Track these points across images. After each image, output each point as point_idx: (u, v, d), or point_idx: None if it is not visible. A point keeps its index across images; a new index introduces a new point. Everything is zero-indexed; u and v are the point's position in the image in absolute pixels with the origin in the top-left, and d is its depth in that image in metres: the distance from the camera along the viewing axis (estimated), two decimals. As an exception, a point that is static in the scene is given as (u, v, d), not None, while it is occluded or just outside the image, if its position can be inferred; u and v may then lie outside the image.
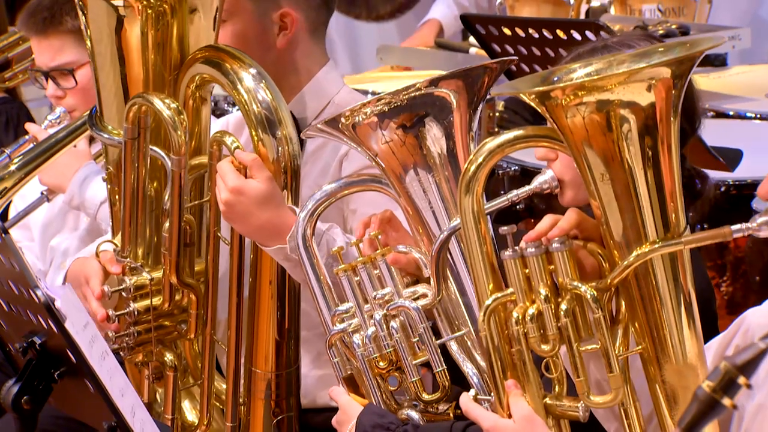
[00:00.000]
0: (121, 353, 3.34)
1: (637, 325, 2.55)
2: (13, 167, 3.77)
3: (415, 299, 2.86)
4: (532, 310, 2.56)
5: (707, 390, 2.07)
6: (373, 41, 6.27)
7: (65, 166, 3.80)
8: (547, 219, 2.58)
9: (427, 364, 2.87)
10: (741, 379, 2.06)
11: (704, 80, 4.83)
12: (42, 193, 3.84)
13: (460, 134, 2.82)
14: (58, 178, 3.81)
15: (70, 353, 2.57)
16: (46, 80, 3.90)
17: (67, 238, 3.99)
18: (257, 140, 3.14)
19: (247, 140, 3.22)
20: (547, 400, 2.61)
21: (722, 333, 2.69)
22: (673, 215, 2.50)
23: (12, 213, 3.92)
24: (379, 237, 2.90)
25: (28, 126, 3.88)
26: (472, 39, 4.82)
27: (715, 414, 2.07)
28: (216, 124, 3.61)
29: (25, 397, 2.65)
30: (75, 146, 3.82)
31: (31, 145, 3.80)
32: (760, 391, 2.44)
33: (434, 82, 2.78)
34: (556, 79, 2.55)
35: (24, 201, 3.91)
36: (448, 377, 2.84)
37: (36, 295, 2.57)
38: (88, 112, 3.67)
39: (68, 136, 3.80)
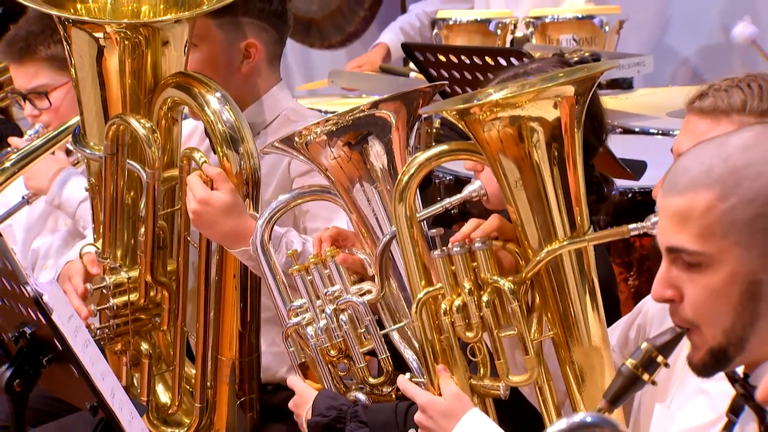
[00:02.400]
0: (102, 343, 3.34)
1: (549, 313, 2.57)
2: (8, 163, 3.79)
3: (362, 295, 2.87)
4: (458, 302, 2.58)
5: (630, 367, 2.08)
6: (326, 66, 6.27)
7: (47, 171, 3.81)
8: (471, 222, 2.61)
9: (372, 352, 2.88)
10: (659, 358, 2.07)
11: (613, 101, 4.85)
12: (23, 197, 3.85)
13: (399, 150, 2.83)
14: (40, 181, 3.81)
15: (56, 342, 2.59)
16: (24, 101, 3.89)
17: (49, 239, 3.99)
18: (222, 155, 3.15)
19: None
20: (473, 381, 2.63)
21: (626, 315, 2.72)
22: (579, 217, 2.53)
23: None
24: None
25: (11, 140, 3.90)
26: (412, 64, 4.82)
27: (637, 387, 2.10)
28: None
29: (16, 381, 2.66)
30: (54, 154, 3.83)
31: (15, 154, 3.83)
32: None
33: (375, 105, 2.80)
34: (476, 100, 2.56)
35: (4, 207, 3.90)
36: (391, 363, 2.85)
37: (26, 290, 2.58)
38: (63, 125, 3.76)
39: (46, 143, 3.81)
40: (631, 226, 2.43)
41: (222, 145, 3.14)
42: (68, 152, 3.84)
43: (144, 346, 3.37)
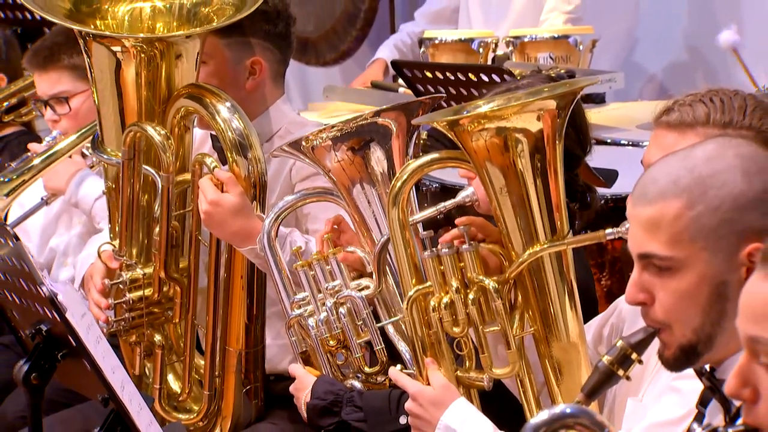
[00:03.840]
0: (118, 335, 3.32)
1: (530, 311, 2.53)
2: (36, 161, 3.79)
3: (360, 290, 2.84)
4: (446, 300, 2.54)
5: (607, 363, 2.07)
6: (321, 82, 6.27)
7: (64, 172, 3.79)
8: (462, 219, 2.58)
9: (368, 343, 2.85)
10: (634, 356, 2.06)
11: (587, 114, 4.82)
12: (42, 198, 3.83)
13: (398, 156, 2.79)
14: (58, 182, 3.79)
15: (70, 338, 2.54)
16: (45, 107, 3.87)
17: (65, 237, 3.96)
18: (232, 161, 3.11)
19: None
20: (459, 373, 2.60)
21: (600, 314, 2.68)
22: (559, 221, 2.49)
23: (11, 219, 3.90)
24: (332, 238, 2.89)
25: (30, 145, 3.87)
26: (401, 80, 4.81)
27: (612, 382, 2.07)
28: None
29: (33, 374, 2.63)
30: (71, 157, 3.81)
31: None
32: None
33: (378, 113, 2.77)
34: (466, 112, 2.53)
35: (22, 208, 3.89)
36: (386, 354, 2.82)
37: (42, 290, 2.54)
38: (81, 129, 3.74)
39: (67, 145, 3.82)
40: (608, 231, 2.39)
41: (232, 151, 3.10)
42: (84, 156, 3.83)
43: (157, 337, 3.32)
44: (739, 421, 1.74)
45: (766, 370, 1.68)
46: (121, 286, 3.28)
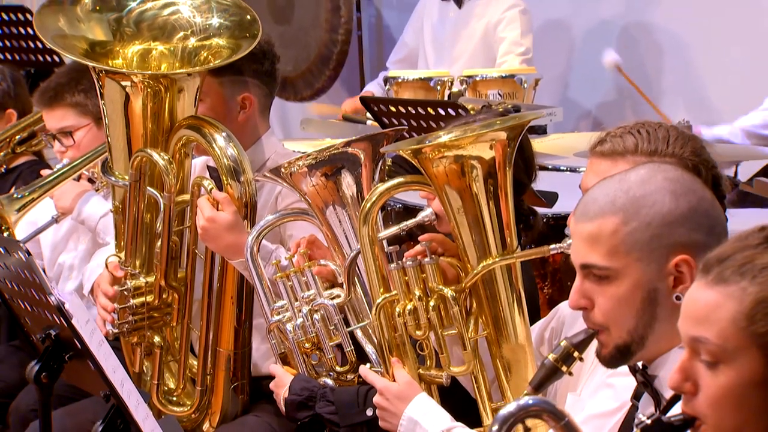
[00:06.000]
0: (121, 335, 3.27)
1: (483, 316, 2.50)
2: (49, 178, 3.74)
3: (332, 298, 2.80)
4: (409, 306, 2.52)
5: (552, 360, 2.06)
6: (298, 116, 6.26)
7: (72, 193, 3.74)
8: (425, 236, 2.57)
9: (339, 346, 2.81)
10: (576, 354, 2.06)
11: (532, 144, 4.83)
12: (52, 217, 3.78)
13: (366, 181, 2.76)
14: (67, 201, 3.73)
15: (76, 341, 2.50)
16: (54, 140, 3.84)
17: (73, 255, 3.91)
18: (226, 183, 3.08)
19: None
20: (421, 371, 2.57)
21: (543, 318, 2.66)
22: (509, 238, 2.47)
23: (24, 236, 3.85)
24: (308, 253, 2.86)
25: (42, 171, 3.82)
26: (368, 114, 4.80)
27: (557, 377, 2.06)
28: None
29: (43, 373, 2.60)
30: (77, 179, 3.77)
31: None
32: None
33: (348, 144, 2.75)
34: (428, 141, 2.51)
35: (33, 225, 3.84)
36: (355, 355, 2.78)
37: (51, 300, 2.51)
38: (85, 156, 3.71)
39: (74, 167, 3.77)
40: (552, 246, 2.37)
41: (227, 175, 3.07)
42: (91, 181, 3.80)
43: (156, 339, 3.27)
44: (678, 410, 1.73)
45: (705, 366, 1.67)
46: (125, 292, 3.24)
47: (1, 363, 3.94)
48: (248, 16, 3.27)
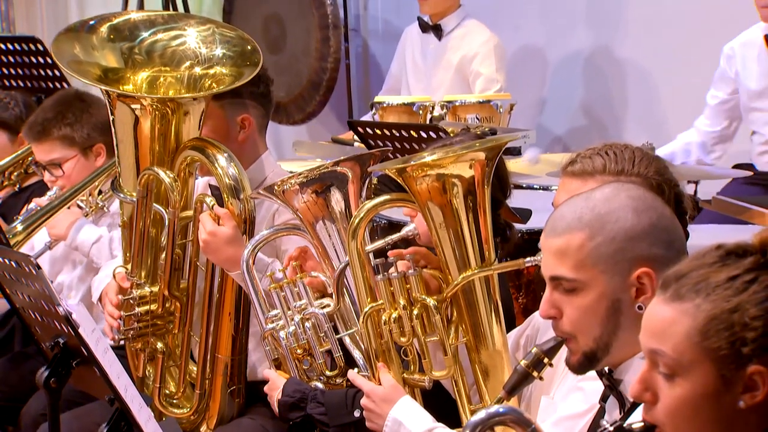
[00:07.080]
0: (126, 341, 3.26)
1: (463, 324, 2.50)
2: (46, 205, 3.73)
3: (322, 308, 2.79)
4: (395, 315, 2.51)
5: (524, 366, 2.06)
6: (290, 138, 6.26)
7: (64, 221, 3.74)
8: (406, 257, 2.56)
9: (329, 352, 2.81)
10: (546, 360, 2.06)
11: (506, 164, 4.84)
12: (46, 244, 3.77)
13: (354, 198, 2.76)
14: (60, 229, 3.74)
15: (83, 349, 2.49)
16: (44, 170, 3.83)
17: (69, 275, 3.91)
18: (227, 200, 3.08)
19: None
20: (405, 375, 2.56)
21: (518, 327, 2.65)
22: (487, 251, 2.46)
23: None
24: (299, 265, 2.85)
25: (35, 199, 3.81)
26: (355, 136, 4.81)
27: (528, 382, 2.07)
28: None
29: (52, 379, 2.58)
30: (69, 208, 3.76)
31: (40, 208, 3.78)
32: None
33: (337, 163, 2.75)
34: (412, 161, 2.52)
35: (32, 250, 3.84)
36: (344, 360, 2.78)
37: (59, 310, 2.49)
38: (75, 187, 3.72)
39: (63, 201, 3.77)
40: (527, 259, 2.37)
41: (228, 193, 3.07)
42: (79, 207, 3.77)
43: (159, 345, 3.25)
44: (639, 418, 1.73)
45: (663, 378, 1.66)
46: (131, 301, 3.23)
47: (13, 370, 3.92)
48: (249, 47, 3.28)
